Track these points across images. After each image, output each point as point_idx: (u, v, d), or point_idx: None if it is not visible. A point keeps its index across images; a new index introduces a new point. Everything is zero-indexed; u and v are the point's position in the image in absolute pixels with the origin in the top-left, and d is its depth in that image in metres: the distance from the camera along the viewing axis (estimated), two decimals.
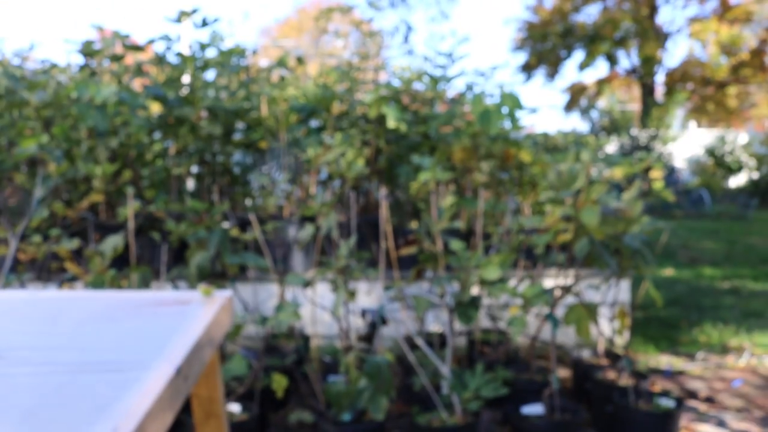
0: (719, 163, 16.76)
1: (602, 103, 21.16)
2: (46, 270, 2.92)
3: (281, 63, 3.77)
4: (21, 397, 0.70)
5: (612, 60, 20.95)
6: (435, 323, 3.52)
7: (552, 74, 21.83)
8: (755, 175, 15.93)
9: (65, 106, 3.13)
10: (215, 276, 3.18)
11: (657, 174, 3.07)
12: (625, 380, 2.73)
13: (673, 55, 43.01)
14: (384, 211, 2.88)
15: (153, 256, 3.19)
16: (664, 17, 30.04)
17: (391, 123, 3.27)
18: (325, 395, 2.40)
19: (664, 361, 3.73)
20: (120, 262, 3.03)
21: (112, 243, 2.60)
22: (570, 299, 3.40)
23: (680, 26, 20.56)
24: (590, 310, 2.56)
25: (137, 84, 3.71)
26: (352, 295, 2.54)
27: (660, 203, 12.16)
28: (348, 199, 3.66)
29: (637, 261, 2.51)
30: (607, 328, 3.47)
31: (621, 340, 3.22)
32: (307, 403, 2.97)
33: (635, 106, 21.90)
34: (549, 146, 4.53)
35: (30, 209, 2.57)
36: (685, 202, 12.91)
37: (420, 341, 2.66)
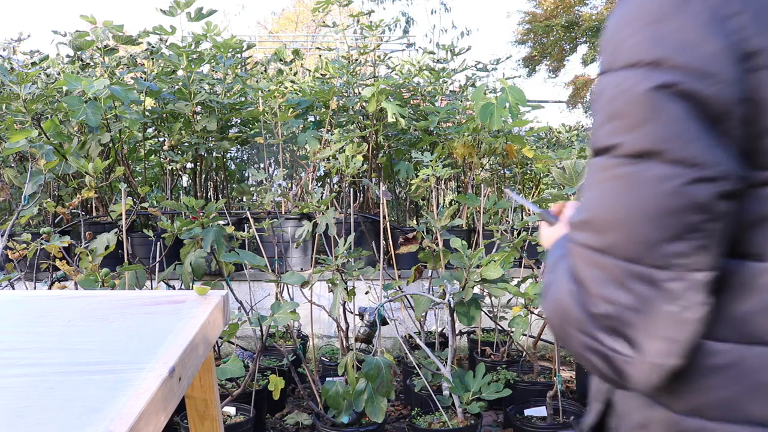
0: None
1: None
2: (36, 269, 2.86)
3: (278, 56, 3.69)
4: (9, 399, 0.69)
5: None
6: (435, 323, 3.45)
7: (555, 68, 21.67)
8: None
9: (56, 99, 3.06)
10: (210, 274, 3.12)
11: None
12: None
13: None
14: (383, 208, 2.81)
15: (147, 254, 3.13)
16: None
17: (391, 117, 3.20)
18: (322, 397, 2.35)
19: None
20: (113, 260, 2.96)
21: (104, 241, 2.54)
22: None
23: None
24: None
25: (131, 78, 3.63)
26: (350, 294, 2.48)
27: None
28: (346, 196, 3.59)
29: None
30: None
31: None
32: (304, 405, 2.91)
33: None
34: (552, 141, 4.45)
35: (19, 206, 2.50)
36: None
37: (420, 341, 2.60)
